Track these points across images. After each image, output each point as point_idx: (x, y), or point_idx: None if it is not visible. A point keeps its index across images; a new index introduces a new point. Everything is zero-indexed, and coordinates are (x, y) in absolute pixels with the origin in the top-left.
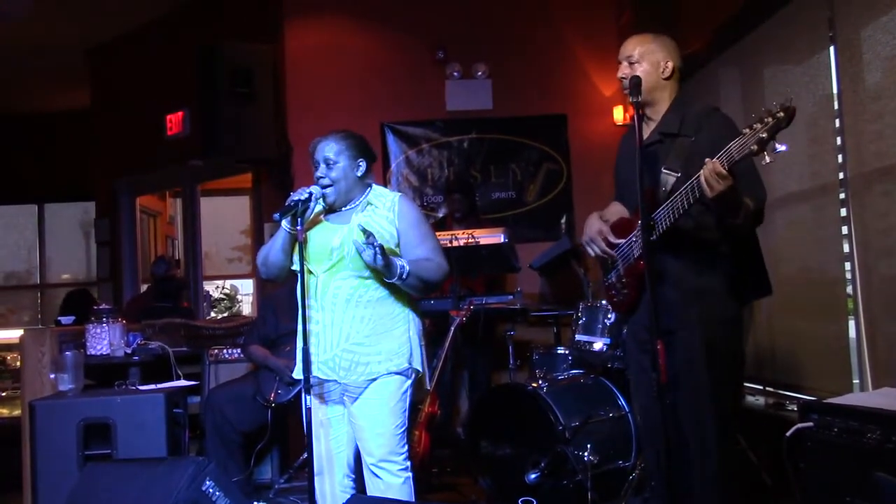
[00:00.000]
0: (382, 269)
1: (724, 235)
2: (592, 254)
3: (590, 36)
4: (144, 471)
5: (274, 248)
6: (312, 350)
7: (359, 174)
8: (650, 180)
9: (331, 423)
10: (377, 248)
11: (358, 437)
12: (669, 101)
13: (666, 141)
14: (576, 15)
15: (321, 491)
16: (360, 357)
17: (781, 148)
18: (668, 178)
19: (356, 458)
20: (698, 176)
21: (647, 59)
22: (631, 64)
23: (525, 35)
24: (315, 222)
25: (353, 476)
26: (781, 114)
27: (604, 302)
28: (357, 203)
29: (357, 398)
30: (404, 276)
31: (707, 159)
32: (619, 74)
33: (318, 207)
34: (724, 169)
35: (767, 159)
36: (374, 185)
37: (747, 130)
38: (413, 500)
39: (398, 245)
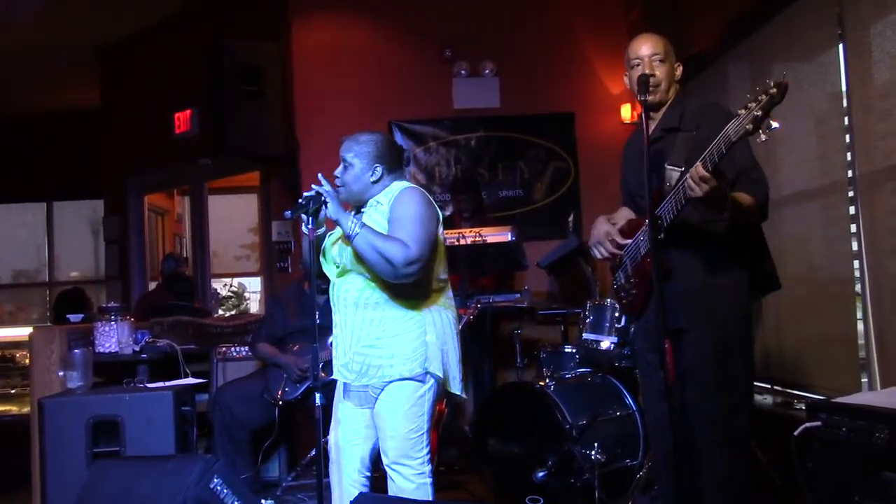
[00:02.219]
0: (335, 219)
1: (732, 229)
2: (599, 256)
3: (598, 34)
4: (153, 468)
5: (305, 249)
6: (334, 352)
7: (372, 179)
8: (656, 179)
9: (340, 421)
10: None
11: (378, 436)
12: (671, 101)
13: (667, 137)
14: (584, 12)
15: (332, 479)
16: (372, 360)
17: (775, 125)
18: (673, 173)
19: (379, 458)
20: (684, 179)
21: (669, 59)
22: (660, 61)
23: (533, 33)
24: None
25: (369, 475)
26: (775, 90)
27: (611, 300)
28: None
29: (376, 400)
30: (354, 234)
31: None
32: (647, 71)
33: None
34: (708, 171)
35: (763, 137)
36: (396, 182)
37: (742, 111)
38: None
39: None
